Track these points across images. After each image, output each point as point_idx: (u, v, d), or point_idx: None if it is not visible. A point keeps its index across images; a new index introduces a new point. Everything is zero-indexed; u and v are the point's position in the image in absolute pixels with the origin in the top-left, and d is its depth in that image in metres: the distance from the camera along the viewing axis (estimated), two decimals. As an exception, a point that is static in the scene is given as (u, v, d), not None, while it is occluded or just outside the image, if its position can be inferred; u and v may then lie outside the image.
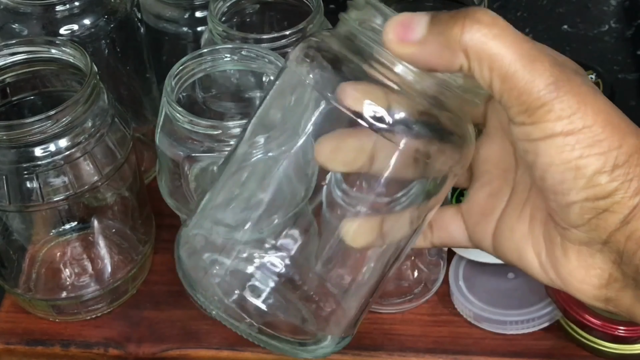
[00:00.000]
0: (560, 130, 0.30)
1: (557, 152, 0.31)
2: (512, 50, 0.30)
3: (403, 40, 0.31)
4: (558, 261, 0.34)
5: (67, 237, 0.63)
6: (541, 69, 0.30)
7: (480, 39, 0.30)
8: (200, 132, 0.49)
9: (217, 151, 0.49)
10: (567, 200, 0.32)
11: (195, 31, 0.69)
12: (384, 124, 0.32)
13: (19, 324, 0.61)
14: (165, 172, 0.53)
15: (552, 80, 0.30)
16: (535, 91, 0.30)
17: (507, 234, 0.36)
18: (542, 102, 0.30)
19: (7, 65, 0.56)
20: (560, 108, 0.30)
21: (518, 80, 0.30)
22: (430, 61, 0.31)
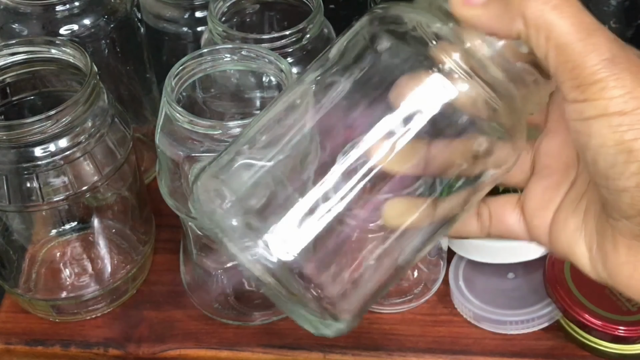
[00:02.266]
0: (614, 109, 0.29)
1: (609, 132, 0.29)
2: (570, 22, 0.30)
3: (467, 2, 0.31)
4: (607, 255, 0.33)
5: (67, 237, 0.63)
6: (598, 43, 0.30)
7: (538, 7, 0.30)
8: (200, 132, 0.49)
9: (217, 151, 0.49)
10: (619, 186, 0.30)
11: (195, 31, 0.69)
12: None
13: (19, 324, 0.61)
14: (165, 172, 0.53)
15: (608, 56, 0.29)
16: (590, 65, 0.29)
17: (561, 226, 0.36)
18: (596, 77, 0.29)
19: (7, 65, 0.56)
20: (615, 86, 0.29)
21: (573, 52, 0.29)
22: (491, 25, 0.31)
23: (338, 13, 0.91)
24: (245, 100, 0.59)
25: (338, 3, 0.92)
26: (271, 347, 0.58)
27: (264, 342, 0.59)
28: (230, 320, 0.60)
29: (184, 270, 0.62)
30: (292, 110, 0.35)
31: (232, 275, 0.60)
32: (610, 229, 0.33)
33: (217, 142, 0.49)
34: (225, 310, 0.60)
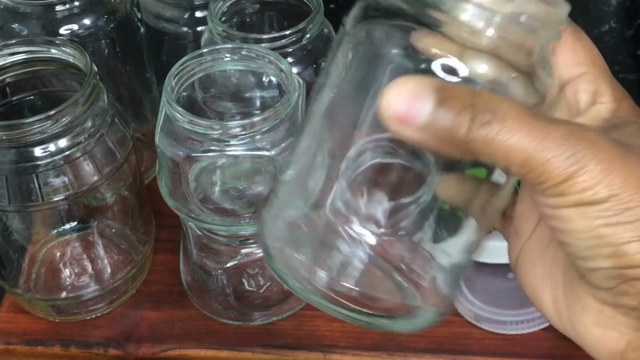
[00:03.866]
0: (584, 201, 0.29)
1: (580, 219, 0.29)
2: (518, 136, 0.29)
3: (403, 120, 0.28)
4: (575, 314, 0.33)
5: (67, 237, 0.63)
6: (554, 145, 0.29)
7: (486, 137, 0.28)
8: (200, 132, 0.49)
9: (217, 151, 0.49)
10: (592, 266, 0.30)
11: (195, 31, 0.69)
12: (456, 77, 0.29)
13: (19, 324, 0.61)
14: (165, 172, 0.53)
15: (569, 154, 0.29)
16: (554, 168, 0.29)
17: (528, 269, 0.35)
18: (563, 177, 0.29)
19: (7, 65, 0.56)
20: (584, 180, 0.29)
21: (534, 163, 0.29)
22: (435, 147, 0.29)
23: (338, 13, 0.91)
24: (245, 100, 0.59)
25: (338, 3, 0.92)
26: (271, 347, 0.58)
27: (264, 342, 0.59)
28: (230, 320, 0.60)
29: (184, 270, 0.62)
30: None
31: (232, 275, 0.60)
32: (580, 291, 0.32)
33: (217, 142, 0.49)
34: (225, 310, 0.60)
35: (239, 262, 0.59)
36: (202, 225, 0.55)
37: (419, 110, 0.28)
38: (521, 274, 0.36)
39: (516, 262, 0.36)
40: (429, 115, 0.28)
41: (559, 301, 0.34)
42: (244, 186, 0.56)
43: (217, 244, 0.58)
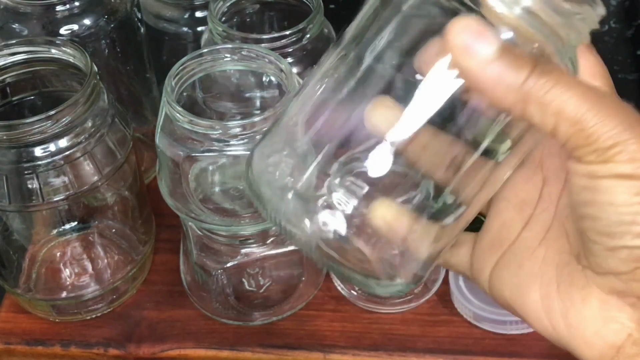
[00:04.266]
0: (629, 172, 0.29)
1: (620, 192, 0.29)
2: (576, 93, 0.29)
3: (468, 48, 0.29)
4: (573, 306, 0.33)
5: (67, 237, 0.63)
6: (611, 109, 0.29)
7: (545, 85, 0.29)
8: (200, 132, 0.49)
9: (217, 151, 0.49)
10: (618, 244, 0.30)
11: (196, 31, 0.69)
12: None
13: (19, 324, 0.61)
14: (165, 172, 0.53)
15: (623, 121, 0.29)
16: (606, 131, 0.29)
17: (512, 270, 0.35)
18: (613, 141, 0.29)
19: (7, 65, 0.56)
20: (634, 150, 0.29)
21: (587, 122, 0.29)
22: (490, 86, 0.29)
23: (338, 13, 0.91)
24: (245, 100, 0.59)
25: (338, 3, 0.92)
26: (271, 347, 0.59)
27: (264, 342, 0.59)
28: (230, 320, 0.60)
29: (184, 270, 0.62)
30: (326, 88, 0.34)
31: (232, 275, 0.60)
32: (585, 281, 0.32)
33: (217, 142, 0.49)
34: (225, 310, 0.60)
35: (239, 262, 0.59)
36: (202, 225, 0.55)
37: (487, 45, 0.29)
38: (501, 279, 0.35)
39: (493, 269, 0.35)
40: (495, 52, 0.29)
41: (549, 297, 0.33)
42: (244, 186, 0.56)
43: (217, 244, 0.58)
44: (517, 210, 0.35)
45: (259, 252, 0.59)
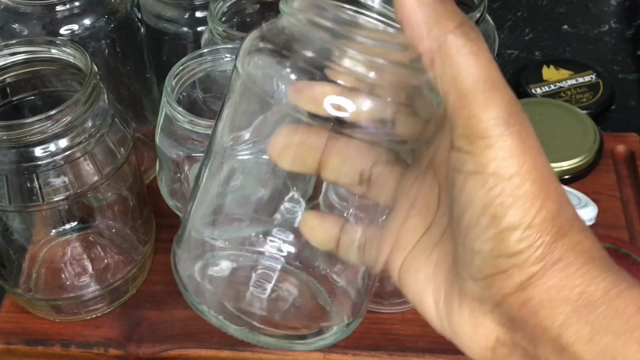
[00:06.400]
0: (491, 170, 0.28)
1: (480, 192, 0.29)
2: (480, 71, 0.29)
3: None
4: (453, 312, 0.33)
5: (67, 237, 0.63)
6: (499, 98, 0.29)
7: (459, 43, 0.28)
8: (200, 132, 0.49)
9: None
10: (474, 247, 0.30)
11: (196, 31, 0.69)
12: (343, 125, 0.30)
13: (19, 324, 0.61)
14: (166, 172, 0.53)
15: (504, 115, 0.28)
16: (485, 119, 0.28)
17: (412, 273, 0.35)
18: (486, 133, 0.28)
19: (7, 65, 0.56)
20: (501, 147, 0.28)
21: (472, 101, 0.28)
22: (413, 23, 0.29)
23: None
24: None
25: (338, 3, 0.92)
26: (271, 347, 0.58)
27: (264, 342, 0.59)
28: (230, 320, 0.60)
29: (184, 270, 0.62)
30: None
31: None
32: (457, 287, 0.32)
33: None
34: (226, 310, 0.60)
35: (239, 262, 0.59)
36: (202, 225, 0.55)
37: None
38: (405, 281, 0.35)
39: (399, 271, 0.36)
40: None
41: (440, 302, 0.34)
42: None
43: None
44: (420, 217, 0.35)
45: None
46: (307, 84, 0.31)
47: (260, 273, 0.34)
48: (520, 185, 0.29)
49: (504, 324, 0.31)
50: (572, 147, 0.71)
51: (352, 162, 0.32)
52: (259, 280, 0.34)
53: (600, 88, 0.79)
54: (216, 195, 0.36)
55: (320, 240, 0.34)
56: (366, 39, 0.30)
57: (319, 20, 0.30)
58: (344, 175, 0.33)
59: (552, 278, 0.29)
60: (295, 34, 0.31)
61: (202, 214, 0.36)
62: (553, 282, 0.29)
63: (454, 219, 0.31)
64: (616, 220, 0.67)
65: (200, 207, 0.36)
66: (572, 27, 0.90)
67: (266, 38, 0.32)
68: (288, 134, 0.33)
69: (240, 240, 0.35)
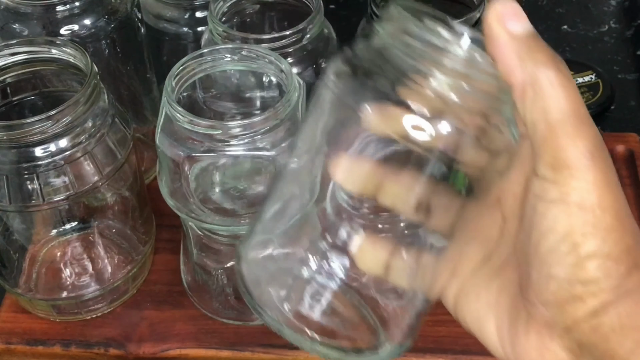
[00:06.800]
0: (575, 199, 0.30)
1: (562, 219, 0.30)
2: (569, 104, 0.30)
3: (503, 21, 0.31)
4: (518, 337, 0.33)
5: (67, 237, 0.63)
6: (587, 132, 0.30)
7: (550, 75, 0.30)
8: (200, 132, 0.49)
9: (217, 151, 0.49)
10: (551, 272, 0.31)
11: (196, 31, 0.69)
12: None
13: (20, 324, 0.62)
14: (166, 172, 0.53)
15: (591, 149, 0.30)
16: (572, 150, 0.30)
17: (471, 300, 0.35)
18: (572, 163, 0.30)
19: (7, 65, 0.56)
20: (586, 179, 0.30)
21: (561, 133, 0.30)
22: (506, 57, 0.31)
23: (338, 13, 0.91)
24: (245, 100, 0.59)
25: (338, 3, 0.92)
26: (271, 347, 0.59)
27: (264, 342, 0.59)
28: (230, 320, 0.60)
29: (184, 270, 0.62)
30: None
31: (232, 275, 0.60)
32: (525, 312, 0.33)
33: (217, 142, 0.49)
34: (226, 310, 0.60)
35: (239, 262, 0.59)
36: (202, 225, 0.55)
37: (519, 21, 0.31)
38: (463, 306, 0.36)
39: (456, 297, 0.36)
40: (524, 29, 0.31)
41: (503, 328, 0.34)
42: (244, 186, 0.56)
43: (217, 243, 0.58)
44: (480, 246, 0.36)
45: (259, 252, 0.59)
46: (389, 105, 0.31)
47: (316, 289, 0.34)
48: (600, 217, 0.30)
49: (572, 350, 0.31)
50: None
51: (411, 188, 0.33)
52: (315, 295, 0.34)
53: (600, 88, 0.79)
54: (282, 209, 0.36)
55: (369, 264, 0.34)
56: (455, 64, 0.31)
57: (411, 42, 0.31)
58: (402, 202, 0.33)
59: (625, 306, 0.30)
60: (386, 55, 0.32)
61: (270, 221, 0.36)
62: (626, 310, 0.30)
63: (532, 244, 0.31)
64: (616, 220, 0.67)
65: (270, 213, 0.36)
66: (572, 27, 0.90)
67: (357, 57, 0.33)
68: (351, 157, 0.33)
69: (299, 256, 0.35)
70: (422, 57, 0.31)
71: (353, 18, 0.81)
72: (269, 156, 0.50)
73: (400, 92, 0.31)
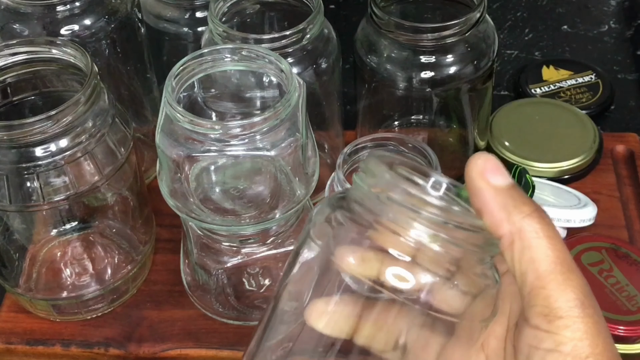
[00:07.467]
0: (568, 349, 0.30)
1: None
2: (556, 254, 0.31)
3: (485, 175, 0.32)
4: None
5: (67, 237, 0.63)
6: (575, 281, 0.31)
7: (534, 227, 0.31)
8: (200, 132, 0.49)
9: (217, 151, 0.49)
10: None
11: (196, 31, 0.70)
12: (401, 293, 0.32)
13: (20, 324, 0.62)
14: (166, 172, 0.53)
15: (581, 298, 0.31)
16: (563, 300, 0.31)
17: None
18: (564, 314, 0.31)
19: (7, 65, 0.56)
20: (578, 329, 0.31)
21: (551, 282, 0.31)
22: (493, 209, 0.32)
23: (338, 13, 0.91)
24: (245, 100, 0.59)
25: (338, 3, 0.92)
26: (271, 347, 0.59)
27: (264, 342, 0.59)
28: (230, 320, 0.60)
29: (184, 270, 0.62)
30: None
31: (232, 275, 0.60)
32: None
33: (217, 142, 0.49)
34: (226, 310, 0.60)
35: (239, 262, 0.59)
36: (202, 225, 0.55)
37: (503, 176, 0.32)
38: None
39: None
40: (506, 183, 0.32)
41: None
42: (244, 186, 0.56)
43: (217, 243, 0.58)
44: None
45: (259, 252, 0.59)
46: (369, 252, 0.32)
47: None
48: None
49: None
50: (572, 147, 0.71)
51: (388, 328, 0.33)
52: None
53: (600, 88, 0.79)
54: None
55: None
56: (433, 214, 0.31)
57: (392, 196, 0.32)
58: (378, 342, 0.33)
59: None
60: (368, 205, 0.33)
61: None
62: None
63: None
64: (616, 220, 0.67)
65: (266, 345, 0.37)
66: (572, 28, 0.90)
67: (342, 207, 0.34)
68: (326, 301, 0.34)
69: None
70: (401, 208, 0.32)
71: (353, 18, 0.81)
72: (269, 156, 0.50)
73: (379, 239, 0.32)
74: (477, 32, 0.61)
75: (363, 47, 0.63)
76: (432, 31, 0.59)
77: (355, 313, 0.33)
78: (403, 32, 0.59)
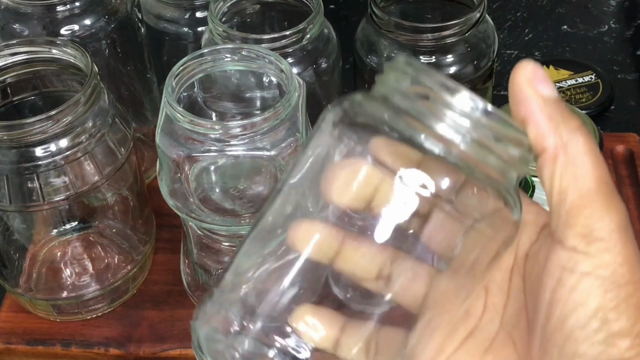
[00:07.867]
0: (608, 273, 0.29)
1: (594, 293, 0.29)
2: (599, 172, 0.29)
3: (534, 84, 0.30)
4: None
5: (67, 237, 0.63)
6: (617, 206, 0.29)
7: (582, 140, 0.29)
8: (200, 132, 0.49)
9: (217, 151, 0.49)
10: (577, 349, 0.29)
11: (196, 31, 0.70)
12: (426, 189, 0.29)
13: (20, 324, 0.62)
14: (166, 172, 0.53)
15: (624, 221, 0.29)
16: (607, 222, 0.29)
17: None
18: (605, 236, 0.29)
19: (7, 65, 0.56)
20: (620, 253, 0.29)
21: (595, 202, 0.29)
22: (539, 120, 0.30)
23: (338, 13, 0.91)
24: (245, 100, 0.59)
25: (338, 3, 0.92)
26: (271, 347, 0.59)
27: (264, 342, 0.59)
28: (230, 320, 0.60)
29: (185, 270, 0.62)
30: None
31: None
32: None
33: (217, 142, 0.49)
34: (226, 310, 0.60)
35: (239, 262, 0.59)
36: (202, 225, 0.55)
37: (549, 86, 0.30)
38: None
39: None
40: (554, 94, 0.30)
41: None
42: (244, 186, 0.56)
43: (217, 243, 0.58)
44: (461, 321, 0.34)
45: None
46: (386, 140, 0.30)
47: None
48: (633, 293, 0.29)
49: None
50: (572, 147, 0.71)
51: (372, 254, 0.31)
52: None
53: (600, 88, 0.79)
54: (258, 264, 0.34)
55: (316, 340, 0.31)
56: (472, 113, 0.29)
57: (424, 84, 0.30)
58: (361, 269, 0.31)
59: None
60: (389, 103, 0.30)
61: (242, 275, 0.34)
62: None
63: (554, 318, 0.30)
64: (616, 220, 0.67)
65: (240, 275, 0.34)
66: (572, 28, 0.90)
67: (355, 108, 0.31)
68: (309, 225, 0.32)
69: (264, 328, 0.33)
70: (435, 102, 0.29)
71: (353, 18, 0.81)
72: (269, 156, 0.50)
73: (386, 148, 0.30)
74: (477, 32, 0.61)
75: (363, 47, 0.63)
76: (432, 31, 0.59)
77: (337, 235, 0.31)
78: (403, 32, 0.59)
